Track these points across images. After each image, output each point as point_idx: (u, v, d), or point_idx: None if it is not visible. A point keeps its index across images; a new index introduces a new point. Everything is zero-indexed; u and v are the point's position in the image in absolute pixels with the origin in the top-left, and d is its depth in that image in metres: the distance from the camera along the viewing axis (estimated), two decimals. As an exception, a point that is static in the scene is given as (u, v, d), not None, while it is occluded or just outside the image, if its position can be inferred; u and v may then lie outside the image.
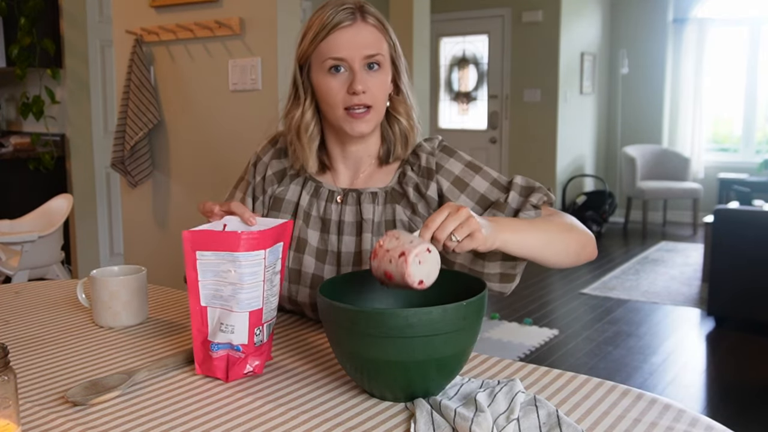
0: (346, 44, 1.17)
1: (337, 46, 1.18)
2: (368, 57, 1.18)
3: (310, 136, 1.27)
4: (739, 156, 7.07)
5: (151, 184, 3.30)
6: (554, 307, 4.40)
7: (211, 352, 1.04)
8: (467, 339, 0.93)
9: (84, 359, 1.12)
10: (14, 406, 0.80)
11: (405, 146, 1.27)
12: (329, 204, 1.27)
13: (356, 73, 1.18)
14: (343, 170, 1.30)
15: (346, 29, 1.18)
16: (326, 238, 1.26)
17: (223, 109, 2.99)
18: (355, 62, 1.18)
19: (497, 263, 1.19)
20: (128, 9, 3.21)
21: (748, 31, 6.88)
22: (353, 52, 1.17)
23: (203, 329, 1.05)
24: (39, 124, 4.50)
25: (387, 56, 1.22)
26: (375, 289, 1.08)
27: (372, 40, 1.19)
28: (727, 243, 3.84)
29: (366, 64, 1.19)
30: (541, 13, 6.53)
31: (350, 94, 1.18)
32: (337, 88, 1.19)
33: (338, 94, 1.19)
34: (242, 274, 1.01)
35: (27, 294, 1.52)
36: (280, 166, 1.34)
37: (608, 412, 0.91)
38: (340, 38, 1.18)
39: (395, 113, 1.26)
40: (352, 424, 0.88)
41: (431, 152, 1.27)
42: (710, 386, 3.17)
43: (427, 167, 1.25)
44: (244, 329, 1.03)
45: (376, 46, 1.19)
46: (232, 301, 1.02)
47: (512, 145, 6.77)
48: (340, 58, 1.18)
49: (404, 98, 1.27)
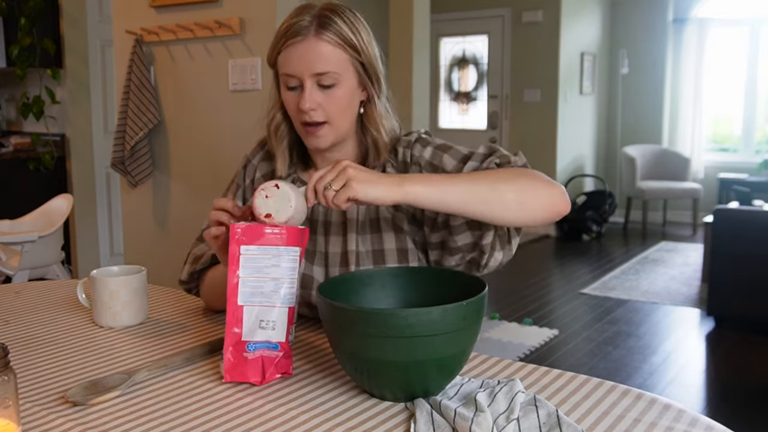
0: (295, 60, 1.16)
1: (288, 61, 1.17)
2: (317, 75, 1.16)
3: (279, 135, 1.28)
4: (739, 156, 7.07)
5: (151, 184, 3.30)
6: (554, 307, 4.40)
7: (247, 353, 1.01)
8: (467, 339, 0.93)
9: (84, 359, 1.12)
10: (14, 406, 0.80)
11: (377, 156, 1.27)
12: (316, 205, 1.27)
13: (305, 90, 1.17)
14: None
15: (296, 45, 1.16)
16: (314, 239, 1.27)
17: (223, 109, 2.99)
18: (304, 79, 1.16)
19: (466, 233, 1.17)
20: (128, 9, 3.21)
21: (748, 31, 6.88)
22: (301, 69, 1.16)
23: (238, 331, 1.01)
24: (39, 124, 4.50)
25: (347, 69, 1.18)
26: (375, 289, 1.08)
27: (324, 57, 1.15)
28: (727, 243, 3.84)
29: (317, 81, 1.17)
30: (541, 13, 6.53)
31: (301, 111, 1.18)
32: (291, 102, 1.20)
33: (293, 109, 1.20)
34: (285, 268, 1.01)
35: (27, 294, 1.52)
36: (269, 168, 1.35)
37: (608, 412, 0.91)
38: (291, 54, 1.16)
39: (367, 123, 1.26)
40: (352, 424, 0.88)
41: (407, 145, 1.26)
42: (710, 386, 3.17)
43: (403, 161, 1.25)
44: (284, 326, 1.02)
45: (327, 63, 1.15)
46: (274, 296, 1.01)
47: (512, 145, 6.77)
48: (290, 74, 1.17)
49: (373, 109, 1.25)
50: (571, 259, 5.75)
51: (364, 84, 1.23)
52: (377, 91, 1.24)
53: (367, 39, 1.20)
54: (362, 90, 1.23)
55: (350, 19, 1.19)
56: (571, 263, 5.59)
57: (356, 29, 1.19)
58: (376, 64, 1.22)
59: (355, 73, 1.20)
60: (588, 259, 5.68)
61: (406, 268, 1.10)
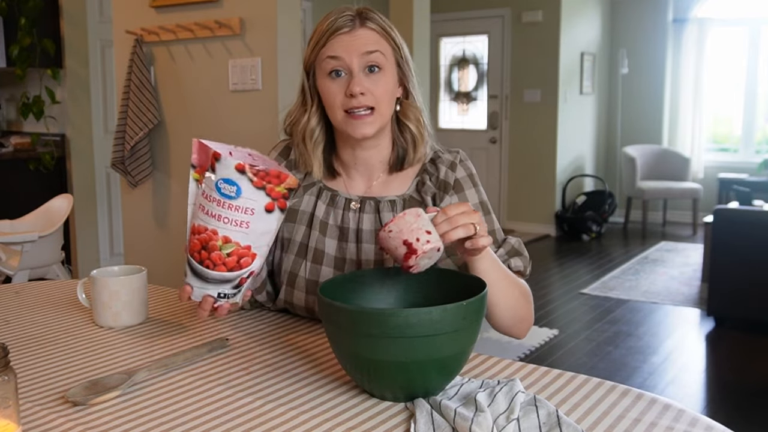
0: (343, 46, 1.18)
1: (334, 48, 1.19)
2: (366, 54, 1.18)
3: (315, 141, 1.28)
4: (739, 156, 7.07)
5: (151, 184, 3.30)
6: (554, 307, 4.40)
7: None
8: (467, 339, 0.93)
9: (84, 359, 1.12)
10: (14, 406, 0.80)
11: (415, 153, 1.28)
12: (346, 212, 1.27)
13: (354, 75, 1.18)
14: (356, 177, 1.30)
15: (343, 36, 1.19)
16: (344, 246, 1.26)
17: (223, 109, 2.99)
18: (353, 64, 1.18)
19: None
20: (128, 9, 3.21)
21: (748, 31, 6.88)
22: (350, 53, 1.18)
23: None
24: (39, 124, 4.50)
25: (390, 58, 1.22)
26: (375, 289, 1.08)
27: (372, 40, 1.20)
28: (727, 243, 3.84)
29: (366, 66, 1.19)
30: (541, 13, 6.53)
31: (349, 97, 1.19)
32: (336, 90, 1.20)
33: (337, 97, 1.20)
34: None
35: (27, 294, 1.52)
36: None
37: (608, 412, 0.91)
38: (338, 42, 1.19)
39: (404, 119, 1.27)
40: (352, 424, 0.88)
41: (451, 166, 1.28)
42: (710, 386, 3.17)
43: (445, 181, 1.27)
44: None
45: (376, 43, 1.20)
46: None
47: (512, 145, 6.77)
48: (337, 56, 1.18)
49: (413, 103, 1.27)
50: (571, 259, 5.75)
51: (401, 79, 1.25)
52: (413, 85, 1.27)
53: (400, 39, 1.25)
54: (398, 84, 1.25)
55: (386, 20, 1.25)
56: (571, 263, 5.59)
57: (393, 28, 1.24)
58: (410, 60, 1.26)
59: (395, 65, 1.24)
60: (588, 259, 5.68)
61: (406, 268, 1.10)
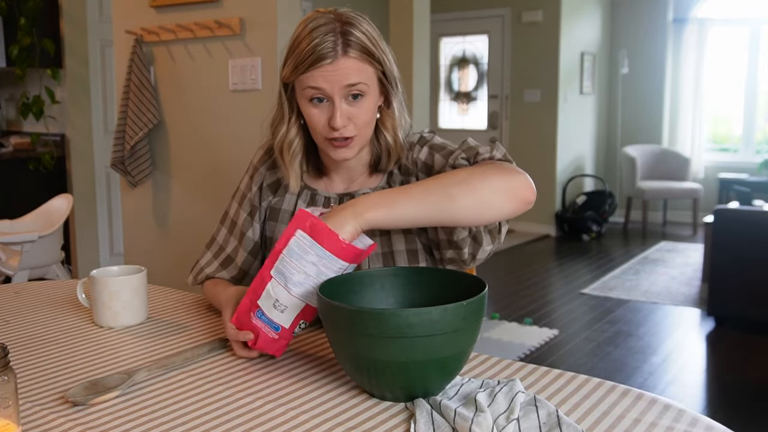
0: (325, 77, 1.15)
1: (316, 79, 1.15)
2: (349, 86, 1.16)
3: (292, 153, 1.27)
4: (739, 156, 7.07)
5: (151, 184, 3.30)
6: (554, 307, 4.40)
7: (252, 316, 1.06)
8: (467, 339, 0.93)
9: (84, 359, 1.12)
10: (14, 406, 0.80)
11: (389, 161, 1.28)
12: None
13: (336, 107, 1.16)
14: (336, 179, 1.33)
15: (325, 67, 1.14)
16: None
17: (223, 109, 2.99)
18: (335, 95, 1.16)
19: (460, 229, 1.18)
20: (128, 9, 3.21)
21: (748, 31, 6.88)
22: (332, 84, 1.15)
23: (258, 291, 1.05)
24: (39, 124, 4.50)
25: (372, 81, 1.19)
26: (375, 289, 1.08)
27: (354, 71, 1.16)
28: (727, 243, 3.84)
29: (348, 95, 1.17)
30: (541, 13, 6.53)
31: (331, 128, 1.17)
32: (318, 116, 1.19)
33: (319, 123, 1.19)
34: (322, 272, 1.02)
35: (27, 294, 1.52)
36: (275, 177, 1.35)
37: (608, 412, 0.91)
38: (320, 73, 1.15)
39: (382, 127, 1.26)
40: (352, 424, 0.88)
41: (410, 148, 1.29)
42: (710, 386, 3.17)
43: (406, 164, 1.29)
44: (292, 316, 1.04)
45: (358, 75, 1.16)
46: (299, 287, 1.02)
47: (512, 145, 6.77)
48: (319, 88, 1.15)
49: (392, 113, 1.26)
50: (571, 259, 5.75)
51: (383, 91, 1.24)
52: (395, 95, 1.25)
53: (383, 46, 1.21)
54: (380, 95, 1.24)
55: (367, 29, 1.18)
56: (571, 263, 5.59)
57: (374, 40, 1.19)
58: (393, 69, 1.23)
59: (378, 82, 1.21)
60: (588, 259, 5.68)
61: (406, 268, 1.10)
